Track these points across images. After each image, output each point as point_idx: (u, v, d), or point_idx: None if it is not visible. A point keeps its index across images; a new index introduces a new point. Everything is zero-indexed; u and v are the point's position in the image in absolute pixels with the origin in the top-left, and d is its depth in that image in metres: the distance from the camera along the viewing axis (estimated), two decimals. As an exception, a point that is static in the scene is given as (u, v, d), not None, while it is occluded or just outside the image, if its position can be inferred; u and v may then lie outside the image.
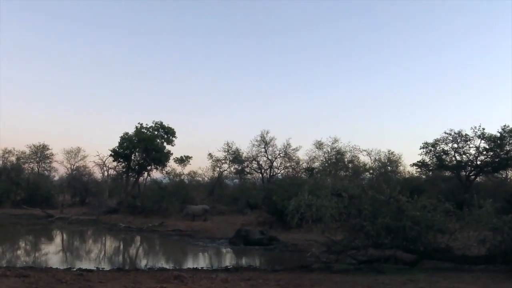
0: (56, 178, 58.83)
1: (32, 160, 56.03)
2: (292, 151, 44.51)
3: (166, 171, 47.89)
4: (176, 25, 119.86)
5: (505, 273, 12.30)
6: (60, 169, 58.07)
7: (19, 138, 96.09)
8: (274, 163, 45.00)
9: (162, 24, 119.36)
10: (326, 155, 44.57)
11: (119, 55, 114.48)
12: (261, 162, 45.33)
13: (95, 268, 14.97)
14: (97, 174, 52.33)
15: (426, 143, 35.33)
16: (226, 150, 45.95)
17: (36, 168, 56.44)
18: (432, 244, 14.33)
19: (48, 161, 57.06)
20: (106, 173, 48.31)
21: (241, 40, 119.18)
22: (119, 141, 44.52)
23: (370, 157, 45.96)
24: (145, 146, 43.40)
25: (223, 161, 47.26)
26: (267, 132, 44.25)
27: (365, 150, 45.58)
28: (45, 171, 57.34)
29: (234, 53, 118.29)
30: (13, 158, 53.29)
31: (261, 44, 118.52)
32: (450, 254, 14.37)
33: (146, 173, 47.31)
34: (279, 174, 44.57)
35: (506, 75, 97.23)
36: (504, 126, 32.39)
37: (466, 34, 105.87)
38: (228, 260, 19.97)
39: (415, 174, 38.77)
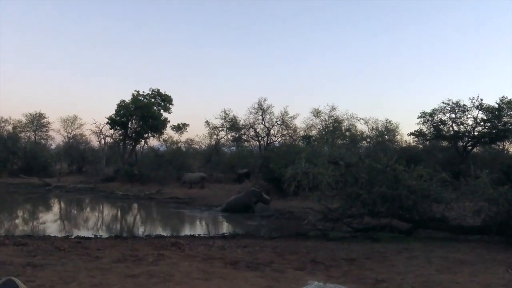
0: (53, 146, 58.85)
1: (28, 129, 56.02)
2: (290, 119, 44.32)
3: (163, 139, 48.01)
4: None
5: (500, 244, 12.38)
6: (57, 137, 58.05)
7: (15, 106, 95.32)
8: (271, 131, 44.86)
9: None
10: (323, 123, 44.52)
11: (115, 22, 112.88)
12: (258, 130, 45.17)
13: (93, 236, 15.03)
14: (94, 142, 52.35)
15: (424, 112, 35.16)
16: (223, 117, 45.74)
17: (33, 137, 56.37)
18: (427, 213, 14.45)
19: (45, 130, 57.02)
20: (103, 141, 48.18)
21: (238, 5, 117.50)
22: (116, 108, 44.54)
23: (367, 125, 45.84)
24: (142, 113, 43.24)
25: (220, 129, 47.06)
26: (265, 100, 44.01)
27: (362, 119, 45.41)
28: (42, 140, 57.25)
29: (230, 19, 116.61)
30: (10, 127, 53.45)
31: (257, 9, 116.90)
32: (446, 224, 14.48)
33: (143, 141, 47.44)
34: (276, 142, 44.46)
35: (506, 47, 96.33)
36: (502, 97, 32.21)
37: (465, 2, 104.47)
38: (225, 227, 20.11)
39: (412, 144, 38.69)
